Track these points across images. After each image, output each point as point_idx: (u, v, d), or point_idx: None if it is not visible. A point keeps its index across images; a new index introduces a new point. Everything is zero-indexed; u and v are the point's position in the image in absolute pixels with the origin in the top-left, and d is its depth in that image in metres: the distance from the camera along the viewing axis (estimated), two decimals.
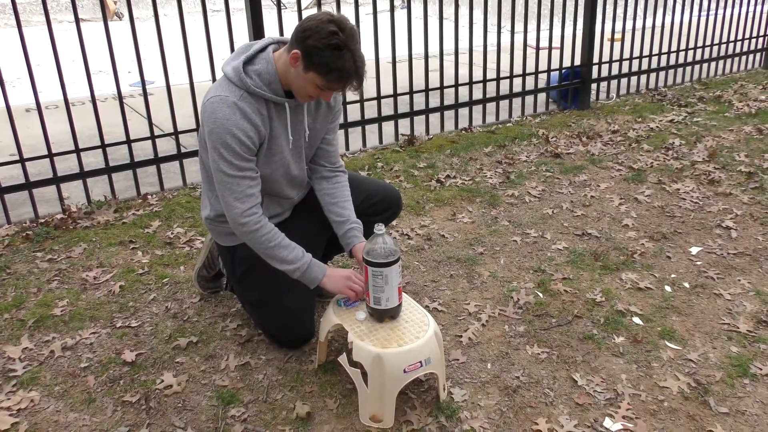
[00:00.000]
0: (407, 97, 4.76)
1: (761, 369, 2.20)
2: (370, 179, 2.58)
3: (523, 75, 5.28)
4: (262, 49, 2.08)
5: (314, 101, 2.19)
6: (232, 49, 3.70)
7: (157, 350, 2.38)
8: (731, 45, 6.73)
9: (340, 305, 2.14)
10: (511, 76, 5.18)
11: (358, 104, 4.51)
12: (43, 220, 3.48)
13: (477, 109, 5.20)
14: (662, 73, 6.31)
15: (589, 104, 5.63)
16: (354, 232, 2.27)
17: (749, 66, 7.07)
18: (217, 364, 2.30)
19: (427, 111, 4.86)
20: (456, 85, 4.90)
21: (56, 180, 3.61)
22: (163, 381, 2.20)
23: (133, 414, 2.07)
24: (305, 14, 2.36)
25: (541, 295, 2.69)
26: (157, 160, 3.88)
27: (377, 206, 2.48)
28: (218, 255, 2.56)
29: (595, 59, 5.58)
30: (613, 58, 5.77)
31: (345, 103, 4.35)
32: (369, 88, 4.56)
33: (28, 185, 3.53)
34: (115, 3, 17.50)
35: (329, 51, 1.87)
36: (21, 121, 3.68)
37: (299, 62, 1.93)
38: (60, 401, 2.13)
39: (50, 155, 3.56)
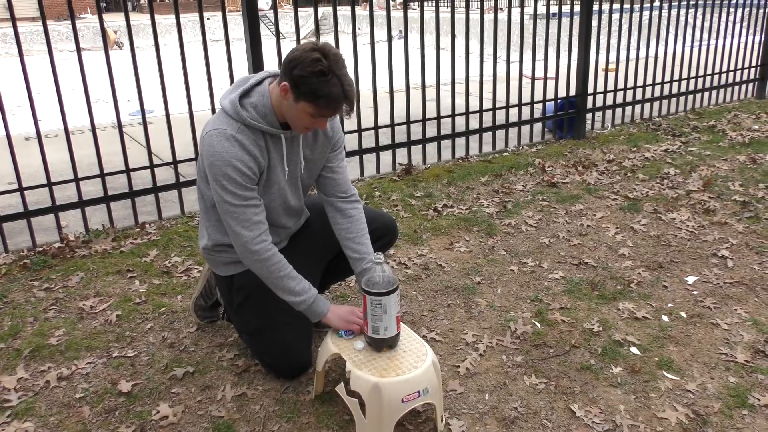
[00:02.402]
0: (404, 126, 4.80)
1: (759, 400, 2.19)
2: (366, 207, 2.59)
3: (519, 105, 5.34)
4: (259, 82, 2.11)
5: (313, 131, 2.21)
6: (232, 79, 3.74)
7: (153, 380, 2.36)
8: (724, 75, 6.83)
9: (340, 335, 2.13)
10: (507, 106, 5.23)
11: (356, 134, 4.54)
12: (40, 249, 3.48)
13: (474, 139, 5.24)
14: (656, 103, 6.39)
15: (585, 134, 5.69)
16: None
17: (742, 96, 7.16)
18: (213, 394, 2.28)
19: (424, 141, 4.90)
20: (453, 115, 4.95)
21: (55, 209, 3.62)
22: (158, 412, 2.18)
23: None
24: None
25: (538, 324, 2.69)
26: (155, 189, 3.90)
27: (373, 234, 2.47)
28: (216, 285, 2.56)
29: (590, 89, 5.65)
30: (608, 89, 5.84)
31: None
32: (367, 117, 4.61)
33: (27, 214, 3.54)
34: (116, 32, 17.69)
35: (315, 78, 1.89)
36: (20, 149, 3.70)
37: (289, 93, 1.96)
38: None
39: (49, 184, 3.58)
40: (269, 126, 2.07)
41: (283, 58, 1.99)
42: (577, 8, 5.41)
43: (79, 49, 3.50)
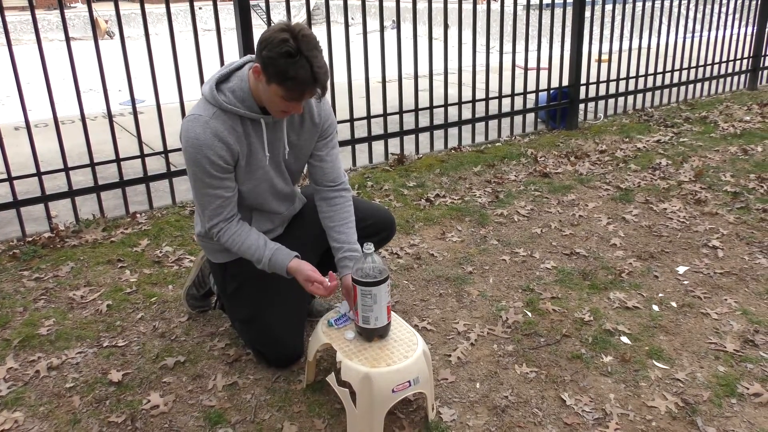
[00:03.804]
0: (397, 116, 4.79)
1: (748, 389, 2.20)
2: (364, 201, 2.57)
3: (512, 95, 5.33)
4: (240, 67, 2.09)
5: (299, 116, 2.18)
6: None
7: (144, 370, 2.36)
8: (717, 66, 6.83)
9: (331, 324, 2.13)
10: (500, 96, 5.23)
11: (348, 123, 4.53)
12: (30, 239, 3.46)
13: (466, 129, 5.23)
14: (649, 94, 6.39)
15: (577, 124, 5.69)
16: (345, 262, 2.22)
17: (734, 87, 7.17)
18: (204, 383, 2.28)
19: (416, 130, 4.89)
20: (445, 105, 4.94)
21: (44, 198, 3.60)
22: (149, 401, 2.18)
23: None
24: None
25: (529, 314, 2.69)
26: (146, 179, 3.88)
27: (369, 229, 2.45)
28: (209, 272, 2.55)
29: (583, 80, 5.65)
30: (601, 79, 5.84)
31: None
32: (359, 107, 4.60)
33: (16, 204, 3.51)
34: (106, 22, 17.55)
35: (282, 59, 1.84)
36: (10, 139, 3.67)
37: (261, 75, 1.93)
38: (45, 422, 2.10)
39: (39, 174, 3.55)
40: (247, 110, 2.04)
41: None
42: None
43: (68, 39, 3.47)
